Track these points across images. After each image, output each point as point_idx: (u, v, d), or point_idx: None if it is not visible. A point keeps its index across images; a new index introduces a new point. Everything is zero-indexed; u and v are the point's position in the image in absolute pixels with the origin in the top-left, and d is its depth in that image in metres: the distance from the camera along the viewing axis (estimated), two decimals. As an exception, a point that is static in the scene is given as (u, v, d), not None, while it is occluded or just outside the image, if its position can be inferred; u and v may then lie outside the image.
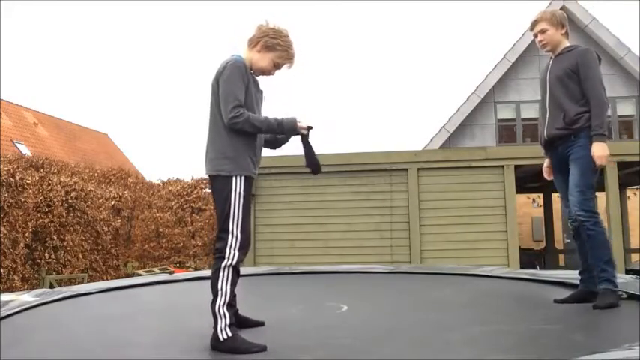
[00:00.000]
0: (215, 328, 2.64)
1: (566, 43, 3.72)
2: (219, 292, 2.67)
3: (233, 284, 2.72)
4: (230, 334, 2.62)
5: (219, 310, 2.65)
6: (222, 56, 2.96)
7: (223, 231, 2.76)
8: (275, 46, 2.94)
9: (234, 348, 2.57)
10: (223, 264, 2.71)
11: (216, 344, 2.62)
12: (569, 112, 3.53)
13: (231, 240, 2.73)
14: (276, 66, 2.99)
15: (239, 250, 2.75)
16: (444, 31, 58.28)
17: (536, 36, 3.75)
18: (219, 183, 2.82)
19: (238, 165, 2.81)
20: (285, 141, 3.14)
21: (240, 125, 2.78)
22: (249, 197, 2.84)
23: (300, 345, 2.76)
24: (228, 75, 2.82)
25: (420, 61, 54.19)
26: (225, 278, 2.69)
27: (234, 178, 2.79)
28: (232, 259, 2.72)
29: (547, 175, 3.88)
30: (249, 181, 2.85)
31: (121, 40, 55.00)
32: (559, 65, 3.64)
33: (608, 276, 3.37)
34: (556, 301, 3.55)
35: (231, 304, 2.71)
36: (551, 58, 3.78)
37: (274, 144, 3.17)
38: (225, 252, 2.72)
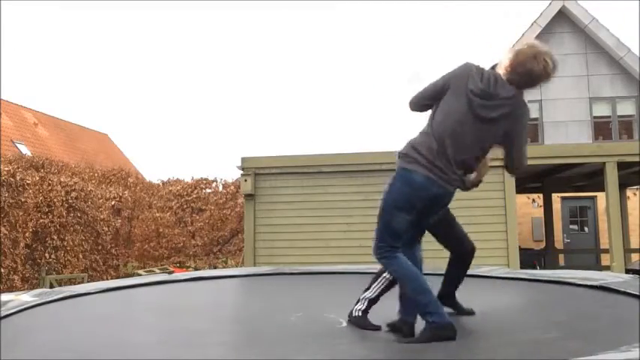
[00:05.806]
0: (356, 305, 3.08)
1: None
2: (371, 288, 3.12)
3: (384, 291, 3.10)
4: (359, 315, 3.04)
5: (363, 298, 3.08)
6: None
7: None
8: None
9: (358, 322, 3.02)
10: (385, 275, 3.08)
11: (350, 317, 3.07)
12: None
13: None
14: None
15: None
16: (445, 31, 58.33)
17: None
18: None
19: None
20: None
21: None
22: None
23: (299, 348, 2.77)
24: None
25: (421, 61, 54.23)
26: (379, 283, 3.12)
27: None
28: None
29: None
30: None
31: (121, 40, 55.04)
32: None
33: (418, 309, 2.85)
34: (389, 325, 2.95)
35: (375, 300, 3.08)
36: None
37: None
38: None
